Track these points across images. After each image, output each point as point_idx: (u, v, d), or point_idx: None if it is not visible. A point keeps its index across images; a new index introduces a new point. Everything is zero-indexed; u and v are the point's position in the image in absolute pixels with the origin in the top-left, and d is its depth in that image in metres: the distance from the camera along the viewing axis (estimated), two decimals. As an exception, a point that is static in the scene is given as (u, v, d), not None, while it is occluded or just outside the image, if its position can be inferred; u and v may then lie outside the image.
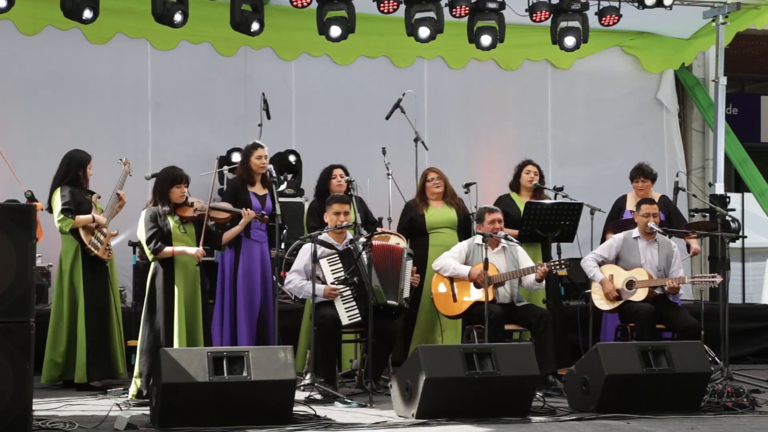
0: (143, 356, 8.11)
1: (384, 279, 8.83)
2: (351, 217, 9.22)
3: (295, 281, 8.91)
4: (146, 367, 8.03)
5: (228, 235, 8.80)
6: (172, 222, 8.26)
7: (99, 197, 9.00)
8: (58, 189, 8.78)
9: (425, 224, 9.96)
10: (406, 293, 8.99)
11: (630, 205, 10.38)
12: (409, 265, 9.04)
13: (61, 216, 8.68)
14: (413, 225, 10.01)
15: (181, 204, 8.32)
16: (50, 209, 8.84)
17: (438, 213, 9.97)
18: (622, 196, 10.60)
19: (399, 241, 9.46)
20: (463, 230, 9.97)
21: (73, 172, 8.84)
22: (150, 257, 8.21)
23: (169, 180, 8.30)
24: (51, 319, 8.87)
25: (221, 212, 8.70)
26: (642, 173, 10.37)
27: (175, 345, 8.01)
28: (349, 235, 9.05)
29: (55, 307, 8.90)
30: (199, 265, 8.29)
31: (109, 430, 6.97)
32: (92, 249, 8.74)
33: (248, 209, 8.90)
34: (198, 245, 8.30)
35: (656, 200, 10.08)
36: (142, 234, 8.22)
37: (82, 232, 8.74)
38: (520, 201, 10.21)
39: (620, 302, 9.34)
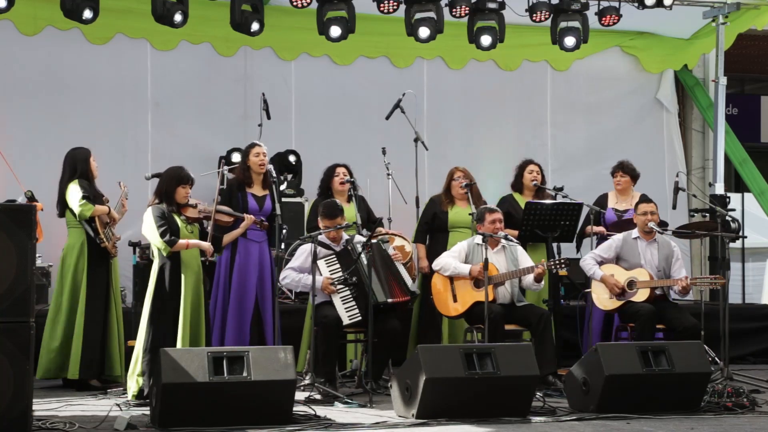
0: (147, 355, 8.02)
1: (380, 278, 8.84)
2: (351, 217, 9.22)
3: (291, 275, 8.91)
4: (149, 366, 7.97)
5: (228, 238, 8.82)
6: (178, 221, 8.22)
7: (107, 200, 9.02)
8: (75, 182, 8.80)
9: (447, 222, 9.93)
10: (408, 281, 9.01)
11: (611, 202, 10.37)
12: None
13: (83, 201, 8.68)
14: (435, 221, 9.98)
15: (184, 204, 8.30)
16: (62, 208, 8.87)
17: (462, 213, 9.89)
18: (603, 194, 10.55)
19: (404, 243, 9.45)
20: None
21: (80, 167, 8.87)
22: (165, 251, 8.07)
23: (175, 180, 8.24)
24: (49, 312, 8.91)
25: (225, 215, 8.73)
26: (621, 168, 10.36)
27: (179, 344, 8.00)
28: (345, 235, 9.04)
29: (54, 301, 8.92)
30: (203, 263, 8.30)
31: (109, 430, 6.96)
32: (104, 239, 8.79)
33: (248, 214, 8.91)
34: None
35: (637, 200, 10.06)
36: (152, 230, 8.08)
37: (97, 222, 8.79)
38: (523, 201, 10.16)
39: (622, 302, 9.34)
